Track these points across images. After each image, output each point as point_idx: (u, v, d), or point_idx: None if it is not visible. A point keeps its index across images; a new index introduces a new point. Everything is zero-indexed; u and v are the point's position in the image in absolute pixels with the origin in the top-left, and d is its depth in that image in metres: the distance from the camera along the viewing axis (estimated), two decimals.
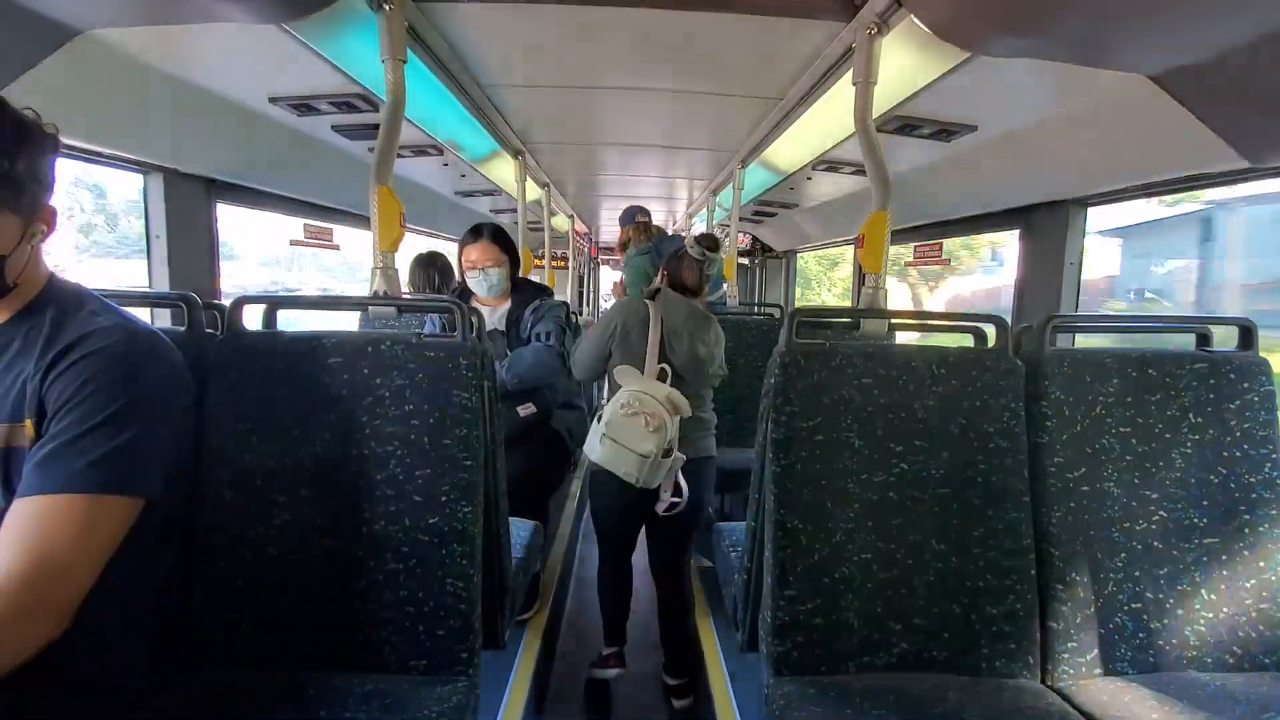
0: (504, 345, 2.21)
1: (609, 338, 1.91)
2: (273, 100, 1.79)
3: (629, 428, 1.73)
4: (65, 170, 0.92)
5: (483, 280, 2.18)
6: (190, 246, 1.90)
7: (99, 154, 1.59)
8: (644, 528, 2.05)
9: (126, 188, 1.82)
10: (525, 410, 2.14)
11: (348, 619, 1.16)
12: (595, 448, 1.81)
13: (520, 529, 1.72)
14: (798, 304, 4.40)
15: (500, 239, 2.19)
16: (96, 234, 4.00)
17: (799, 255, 5.31)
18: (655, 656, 2.20)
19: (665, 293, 1.94)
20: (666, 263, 2.04)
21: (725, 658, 2.01)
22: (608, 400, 1.85)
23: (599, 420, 1.81)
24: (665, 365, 1.85)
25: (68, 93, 1.33)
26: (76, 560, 0.82)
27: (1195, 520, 1.28)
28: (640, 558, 2.12)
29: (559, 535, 2.98)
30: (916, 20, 1.22)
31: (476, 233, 2.18)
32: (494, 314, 2.28)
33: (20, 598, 0.78)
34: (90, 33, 1.25)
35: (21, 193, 0.85)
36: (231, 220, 2.12)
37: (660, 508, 1.87)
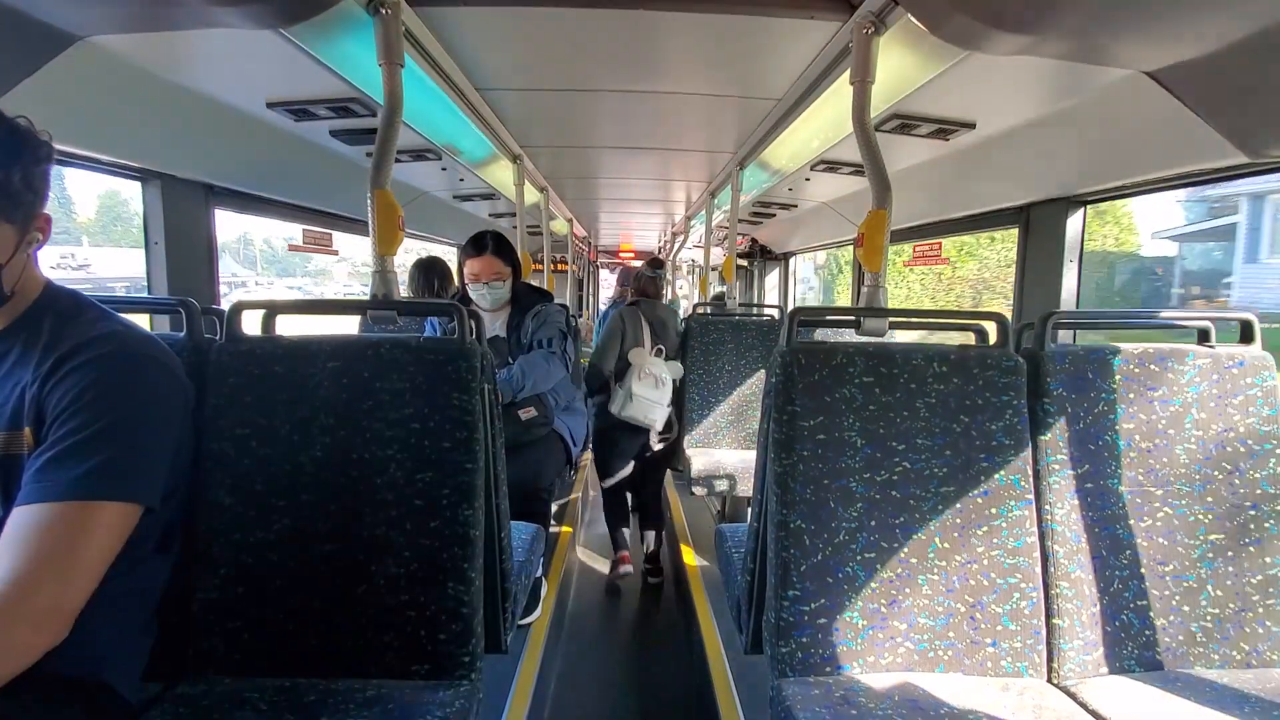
0: (505, 350, 2.21)
1: (622, 335, 2.84)
2: (270, 105, 1.80)
3: (647, 388, 2.67)
4: None
5: (486, 294, 2.17)
6: (189, 252, 1.90)
7: (97, 160, 1.59)
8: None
9: None
10: (526, 414, 2.13)
11: (349, 624, 1.15)
12: (626, 406, 2.68)
13: (521, 532, 1.72)
14: None
15: (503, 251, 2.17)
16: None
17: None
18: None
19: (642, 301, 2.96)
20: (634, 281, 3.09)
21: (729, 660, 2.00)
22: (626, 377, 2.72)
23: (621, 388, 2.72)
24: (661, 346, 2.85)
25: (66, 99, 1.33)
26: (76, 567, 0.82)
27: (1200, 516, 1.27)
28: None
29: (561, 538, 2.97)
30: (913, 19, 1.22)
31: (479, 245, 2.14)
32: (494, 319, 2.28)
33: (20, 605, 0.78)
34: (88, 39, 1.25)
35: (17, 203, 0.85)
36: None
37: (654, 440, 2.84)
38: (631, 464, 2.90)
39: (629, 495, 3.08)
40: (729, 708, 1.78)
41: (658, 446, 2.84)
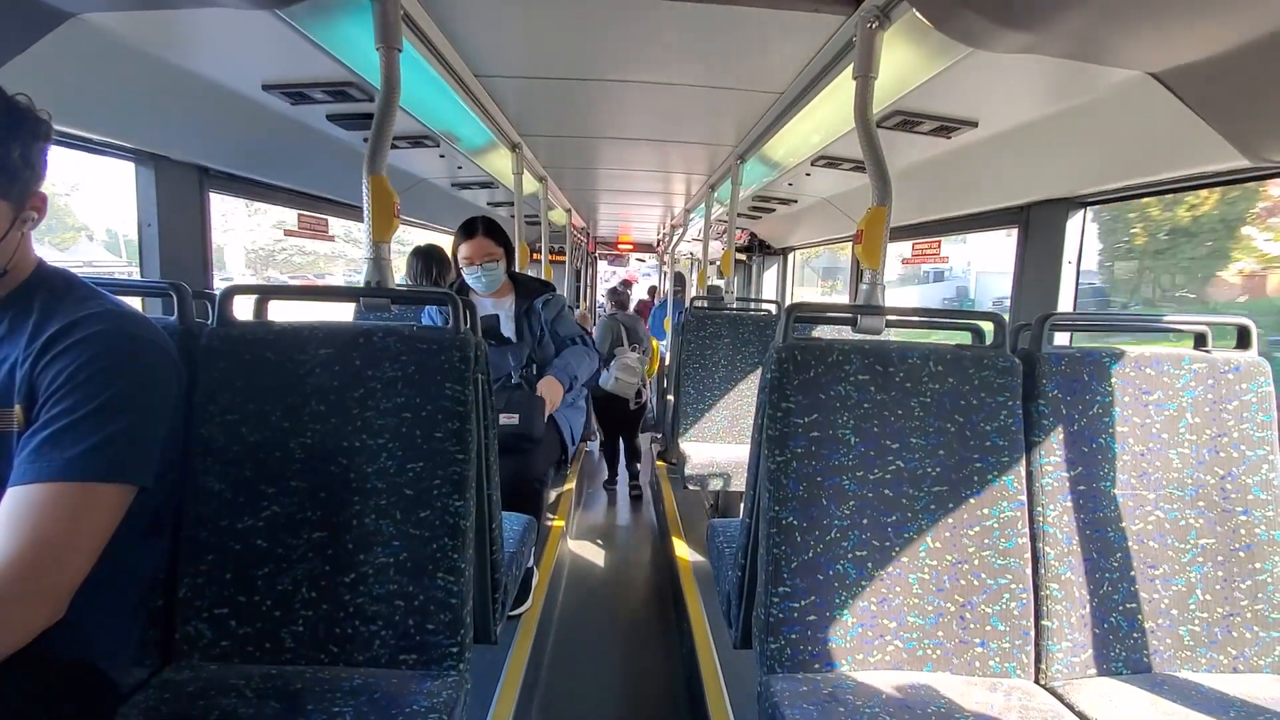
0: (499, 333, 2.23)
1: (612, 334, 4.09)
2: (266, 88, 1.77)
3: (624, 372, 3.93)
4: None
5: (481, 276, 2.18)
6: (182, 236, 1.89)
7: (90, 141, 1.58)
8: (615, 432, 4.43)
9: None
10: (507, 419, 2.09)
11: (337, 612, 1.15)
12: (611, 384, 3.92)
13: (513, 523, 1.72)
14: None
15: (494, 233, 2.19)
16: None
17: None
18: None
19: (616, 312, 4.33)
20: (609, 296, 4.66)
21: (719, 655, 2.01)
22: (611, 364, 3.94)
23: (608, 371, 3.92)
24: (635, 345, 4.07)
25: (58, 78, 1.31)
26: (72, 547, 0.82)
27: (1191, 520, 1.27)
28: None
29: (554, 530, 2.97)
30: (918, 14, 1.20)
31: (470, 229, 2.17)
32: (499, 307, 2.28)
33: (17, 583, 0.78)
34: (81, 17, 1.23)
35: (14, 179, 0.85)
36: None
37: (631, 404, 4.06)
38: (620, 417, 4.28)
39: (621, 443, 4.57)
40: (717, 703, 1.79)
41: (634, 408, 4.17)
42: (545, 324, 2.29)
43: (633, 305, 6.08)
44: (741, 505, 1.40)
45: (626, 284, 5.06)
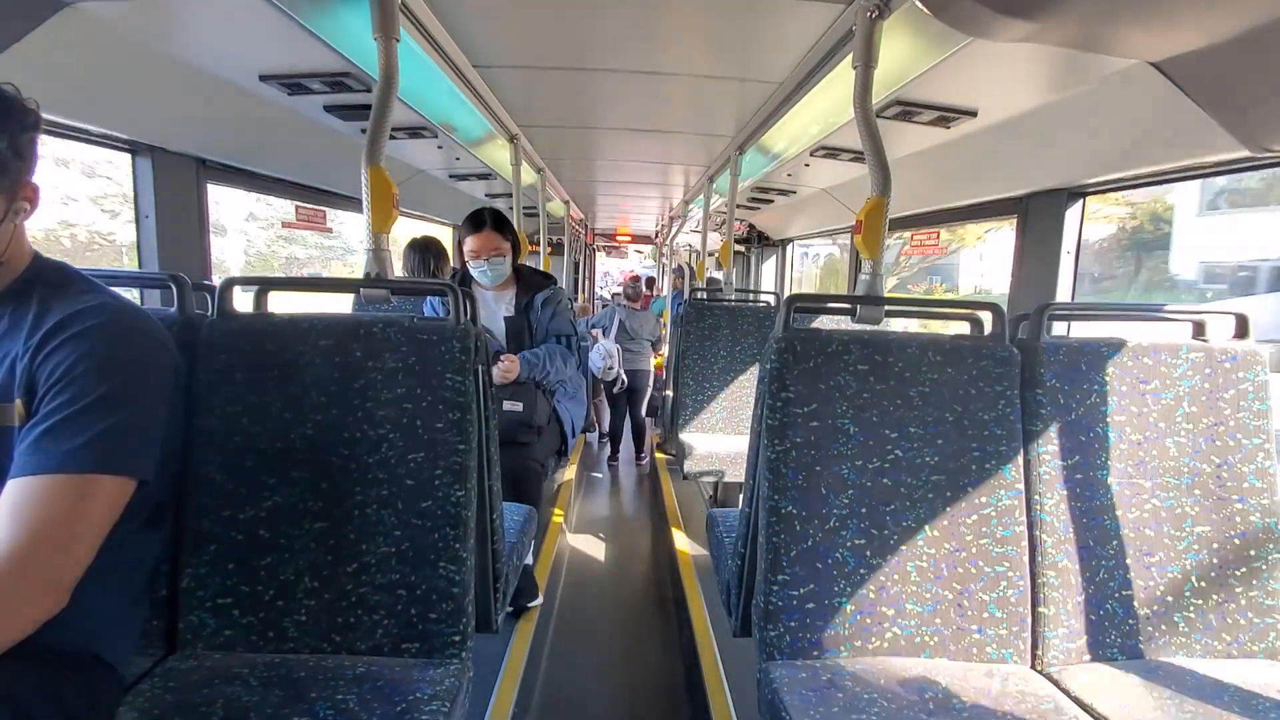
0: (521, 329, 2.24)
1: (609, 320, 4.77)
2: (263, 79, 1.76)
3: (597, 355, 4.54)
4: None
5: (487, 270, 2.18)
6: (180, 227, 1.88)
7: (87, 132, 1.57)
8: (614, 408, 5.00)
9: None
10: (511, 405, 2.11)
11: (339, 602, 1.16)
12: (594, 365, 4.55)
13: (513, 514, 1.73)
14: None
15: (501, 227, 2.18)
16: None
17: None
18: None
19: (619, 307, 4.90)
20: (623, 290, 5.23)
21: (718, 643, 2.02)
22: (596, 349, 4.58)
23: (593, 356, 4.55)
24: (624, 332, 4.73)
25: (54, 69, 1.30)
26: (73, 538, 0.82)
27: (1187, 508, 1.28)
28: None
29: (553, 522, 2.98)
30: (918, 3, 1.20)
31: (477, 222, 2.16)
32: (500, 299, 2.28)
33: (19, 575, 0.78)
34: (76, 6, 1.22)
35: (4, 170, 0.84)
36: None
37: (615, 389, 4.72)
38: (619, 396, 4.90)
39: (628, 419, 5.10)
40: (717, 690, 1.80)
41: (616, 390, 4.78)
42: (541, 319, 2.29)
43: None
44: (741, 495, 1.41)
45: (635, 280, 5.70)
